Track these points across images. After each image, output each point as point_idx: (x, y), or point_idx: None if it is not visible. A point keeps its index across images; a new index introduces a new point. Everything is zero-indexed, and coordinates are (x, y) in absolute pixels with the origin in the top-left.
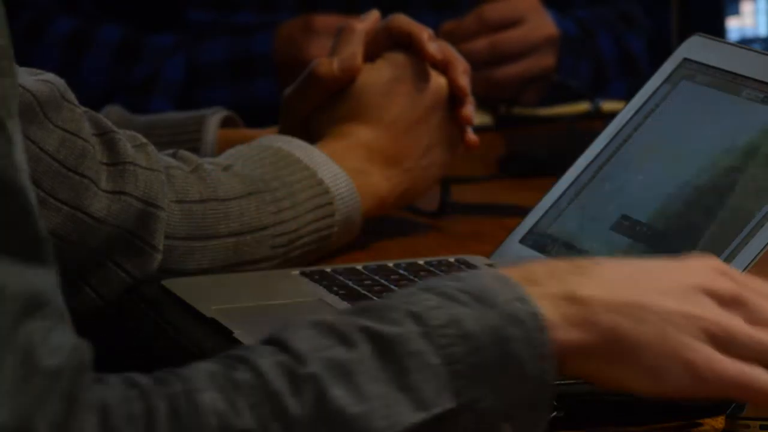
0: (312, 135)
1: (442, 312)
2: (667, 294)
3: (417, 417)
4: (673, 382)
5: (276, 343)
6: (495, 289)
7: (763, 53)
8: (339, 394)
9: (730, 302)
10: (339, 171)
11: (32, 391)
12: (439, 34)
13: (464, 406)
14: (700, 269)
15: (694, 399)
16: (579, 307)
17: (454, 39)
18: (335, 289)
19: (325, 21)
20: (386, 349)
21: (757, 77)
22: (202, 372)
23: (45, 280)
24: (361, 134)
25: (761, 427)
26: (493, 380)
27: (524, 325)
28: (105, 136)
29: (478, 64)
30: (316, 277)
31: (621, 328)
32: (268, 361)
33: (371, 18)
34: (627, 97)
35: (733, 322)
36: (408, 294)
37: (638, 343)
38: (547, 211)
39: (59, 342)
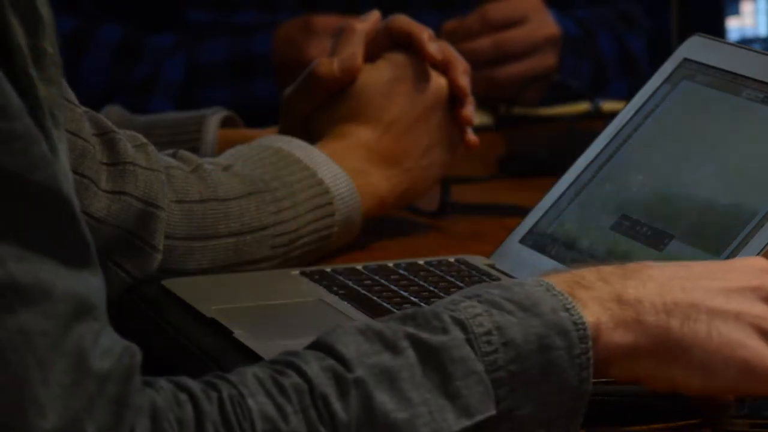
0: (312, 135)
1: (486, 319)
2: (715, 293)
3: (460, 424)
4: (724, 379)
5: (322, 348)
6: (540, 297)
7: (763, 53)
8: (384, 399)
9: None
10: (339, 171)
11: (83, 394)
12: (440, 33)
13: (504, 413)
14: (746, 269)
15: (748, 395)
16: (627, 308)
17: (457, 38)
18: (335, 289)
19: (325, 21)
20: (431, 355)
21: (757, 77)
22: (250, 377)
23: (92, 283)
24: (361, 134)
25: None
26: (534, 388)
27: (568, 334)
28: (105, 136)
29: (481, 64)
30: (316, 277)
31: (670, 327)
32: (315, 366)
33: (371, 18)
34: (627, 97)
35: None
36: (452, 302)
37: (688, 342)
38: (547, 211)
39: (109, 345)
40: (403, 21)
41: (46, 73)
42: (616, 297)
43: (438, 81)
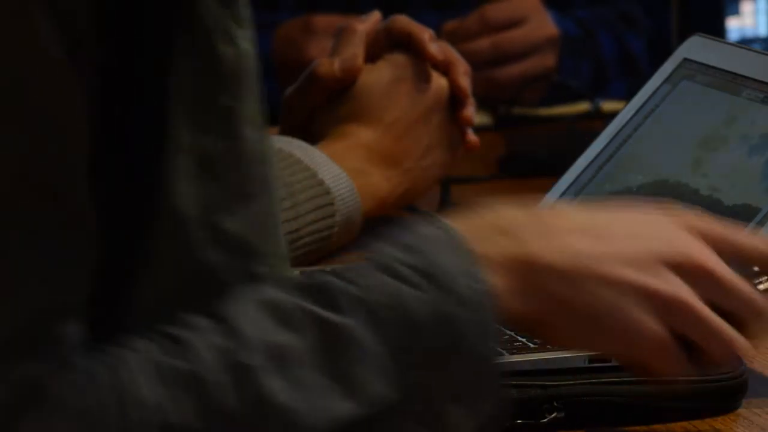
0: (312, 135)
1: (389, 297)
2: (628, 264)
3: (356, 409)
4: (610, 344)
5: (220, 320)
6: (445, 263)
7: (763, 53)
8: (275, 384)
9: (693, 274)
10: (339, 171)
11: None
12: (440, 34)
13: (408, 394)
14: (673, 234)
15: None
16: (533, 275)
17: (456, 39)
18: None
19: (325, 21)
20: (330, 336)
21: (757, 77)
22: (143, 358)
23: None
24: (362, 135)
25: None
26: (440, 365)
27: (473, 306)
28: None
29: (480, 64)
30: None
31: (573, 300)
32: (208, 346)
33: (372, 19)
34: (627, 97)
35: (684, 298)
36: (357, 272)
37: (589, 315)
38: None
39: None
40: (403, 22)
41: None
42: (522, 258)
43: (438, 82)
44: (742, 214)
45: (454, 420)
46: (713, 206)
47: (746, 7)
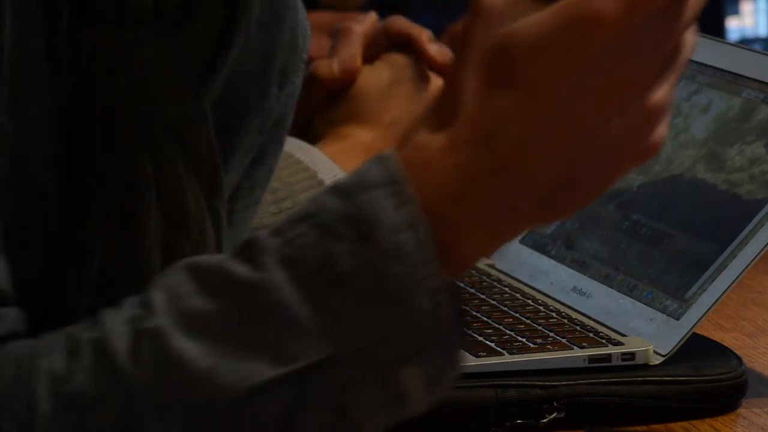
0: (311, 136)
1: (316, 253)
2: None
3: (273, 372)
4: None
5: (147, 290)
6: (380, 214)
7: (763, 53)
8: (185, 347)
9: None
10: (339, 172)
11: None
12: (438, 34)
13: (342, 355)
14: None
15: None
16: (484, 225)
17: (456, 41)
18: None
19: (321, 18)
20: (247, 297)
21: (757, 77)
22: (59, 335)
23: None
24: (361, 136)
25: None
26: (377, 324)
27: (409, 260)
28: None
29: None
30: None
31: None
32: (118, 317)
33: (369, 20)
34: None
35: None
36: (287, 226)
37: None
38: None
39: None
40: (401, 22)
41: None
42: (484, 208)
43: (437, 82)
44: (742, 214)
45: (405, 380)
46: (713, 206)
47: (746, 7)
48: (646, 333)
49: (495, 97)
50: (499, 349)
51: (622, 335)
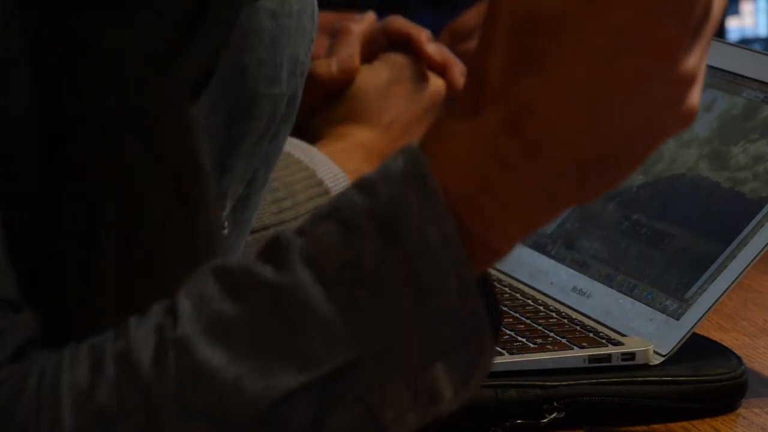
0: (310, 136)
1: (341, 251)
2: None
3: (300, 378)
4: None
5: (176, 296)
6: (405, 206)
7: (763, 53)
8: (211, 357)
9: None
10: (339, 171)
11: None
12: (437, 34)
13: (370, 356)
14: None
15: None
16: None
17: (455, 39)
18: None
19: (320, 17)
20: (275, 300)
21: (757, 77)
22: (82, 346)
23: None
24: (360, 135)
25: None
26: (403, 322)
27: (435, 255)
28: None
29: None
30: None
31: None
32: (143, 327)
33: (368, 20)
34: None
35: None
36: (313, 222)
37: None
38: None
39: None
40: (400, 22)
41: None
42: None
43: (436, 82)
44: (742, 213)
45: (435, 379)
46: (713, 206)
47: (746, 7)
48: (646, 333)
49: (522, 77)
50: (499, 348)
51: (622, 335)
